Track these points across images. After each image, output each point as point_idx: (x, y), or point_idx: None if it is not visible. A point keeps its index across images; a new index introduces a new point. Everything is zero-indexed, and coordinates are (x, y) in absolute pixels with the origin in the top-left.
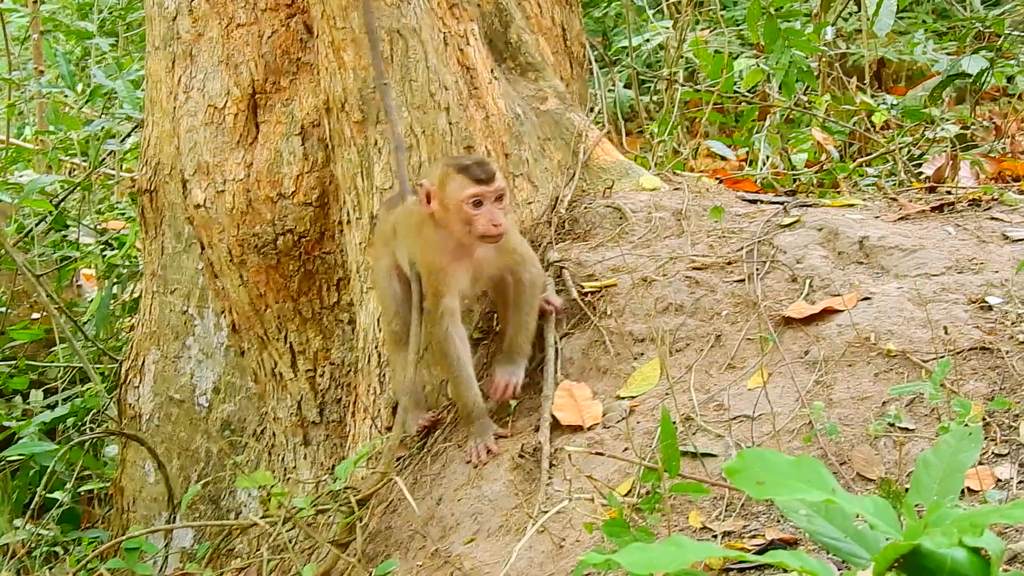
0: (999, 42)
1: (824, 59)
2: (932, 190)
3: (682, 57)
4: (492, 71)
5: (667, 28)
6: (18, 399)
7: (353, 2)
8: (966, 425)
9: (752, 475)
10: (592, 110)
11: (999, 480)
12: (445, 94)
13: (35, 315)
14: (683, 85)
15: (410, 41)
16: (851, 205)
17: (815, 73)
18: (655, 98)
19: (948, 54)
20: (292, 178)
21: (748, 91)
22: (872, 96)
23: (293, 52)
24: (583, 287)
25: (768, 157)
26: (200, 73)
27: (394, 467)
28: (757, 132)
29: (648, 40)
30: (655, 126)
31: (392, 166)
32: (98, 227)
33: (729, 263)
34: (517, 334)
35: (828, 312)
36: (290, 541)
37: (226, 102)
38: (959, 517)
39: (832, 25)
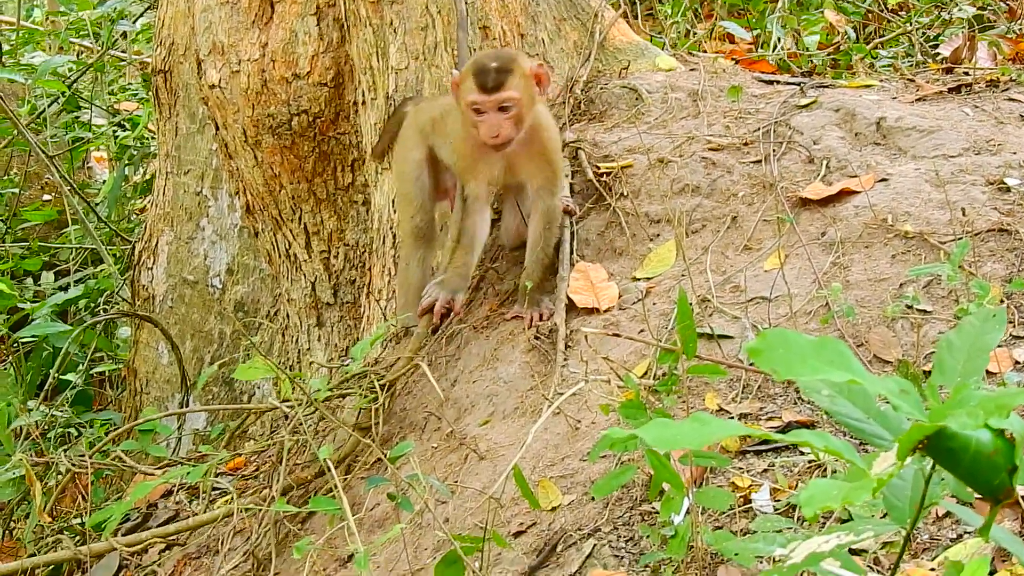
0: None
1: None
2: (949, 71)
3: None
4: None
5: None
6: (29, 281)
7: None
8: (986, 306)
9: (774, 356)
10: None
11: (1017, 362)
12: None
13: (46, 196)
14: None
15: None
16: (868, 86)
17: None
18: None
19: None
20: (307, 58)
21: None
22: None
23: None
24: (599, 167)
25: (780, 39)
26: None
27: (413, 350)
28: (769, 14)
29: None
30: (668, 7)
31: (418, 47)
32: (110, 108)
33: (745, 144)
34: (531, 272)
35: (845, 193)
36: (305, 423)
37: None
38: (984, 399)
39: None
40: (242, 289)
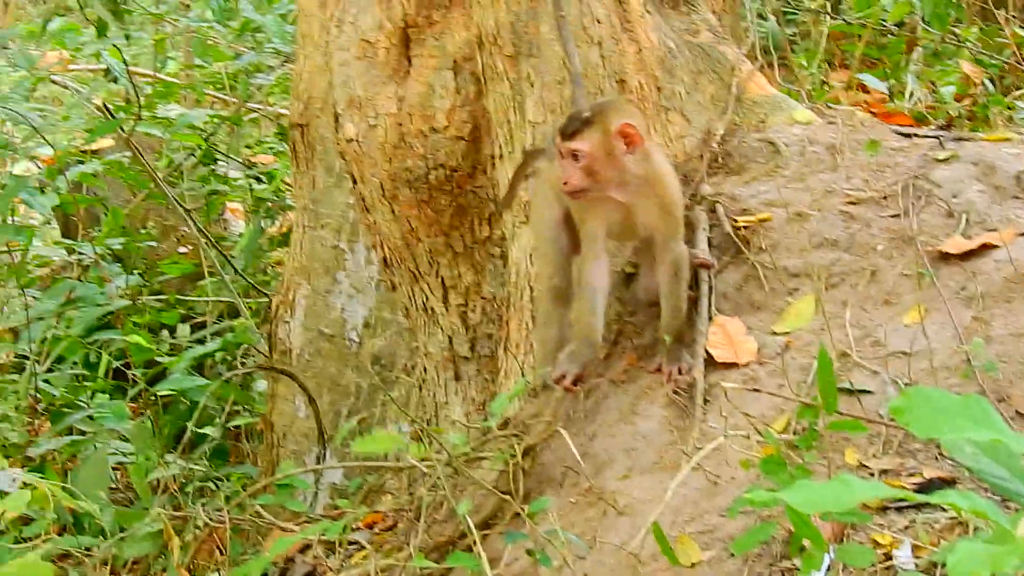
0: None
1: None
2: None
3: None
4: (645, 4)
5: None
6: (165, 333)
7: None
8: None
9: (917, 414)
10: (745, 43)
11: None
12: (598, 27)
13: (182, 249)
14: (833, 17)
15: None
16: (1007, 139)
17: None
18: (799, 29)
19: None
20: (444, 112)
21: (896, 24)
22: (1022, 27)
23: None
24: (737, 221)
25: (912, 92)
26: (353, 7)
27: (551, 407)
28: (904, 65)
29: None
30: (802, 59)
31: (555, 101)
32: (246, 161)
33: (884, 197)
34: (668, 324)
35: (986, 247)
36: (444, 480)
37: (378, 36)
38: None
39: None
40: (379, 343)
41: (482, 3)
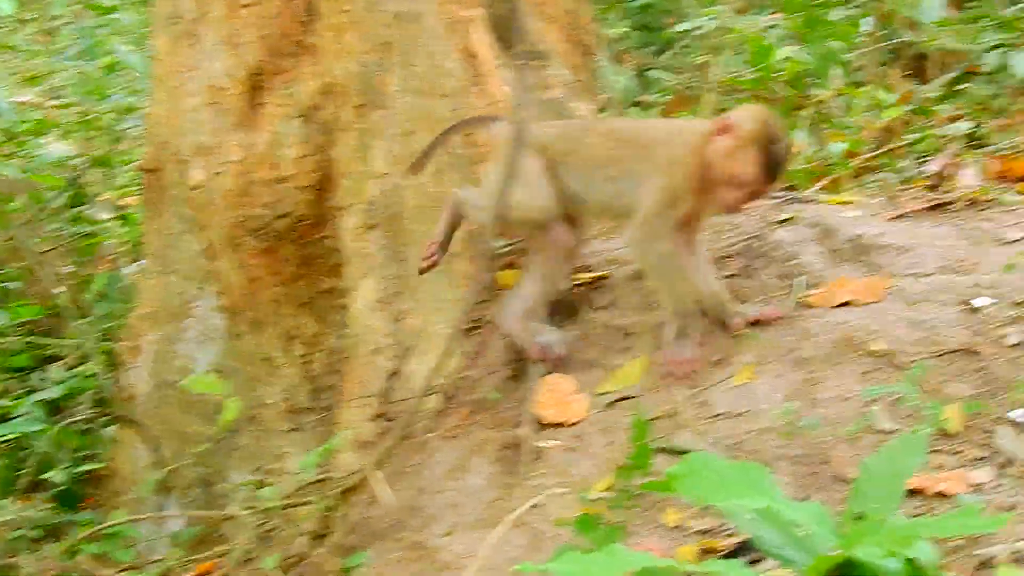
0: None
1: (873, 49)
2: (933, 188)
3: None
4: (496, 58)
5: (714, 15)
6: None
7: None
8: (922, 431)
9: (697, 480)
10: (598, 100)
11: (974, 484)
12: (448, 80)
13: (57, 290)
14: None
15: (412, 25)
16: (849, 202)
17: (854, 64)
18: (685, 81)
19: (996, 47)
20: (291, 161)
21: (789, 82)
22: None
23: (295, 34)
24: (575, 279)
25: (802, 149)
26: (203, 53)
27: (381, 460)
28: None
29: (700, 27)
30: (685, 114)
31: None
32: (113, 204)
33: (723, 258)
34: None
35: (817, 309)
36: (275, 529)
37: (227, 83)
38: (894, 528)
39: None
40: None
41: (331, 53)
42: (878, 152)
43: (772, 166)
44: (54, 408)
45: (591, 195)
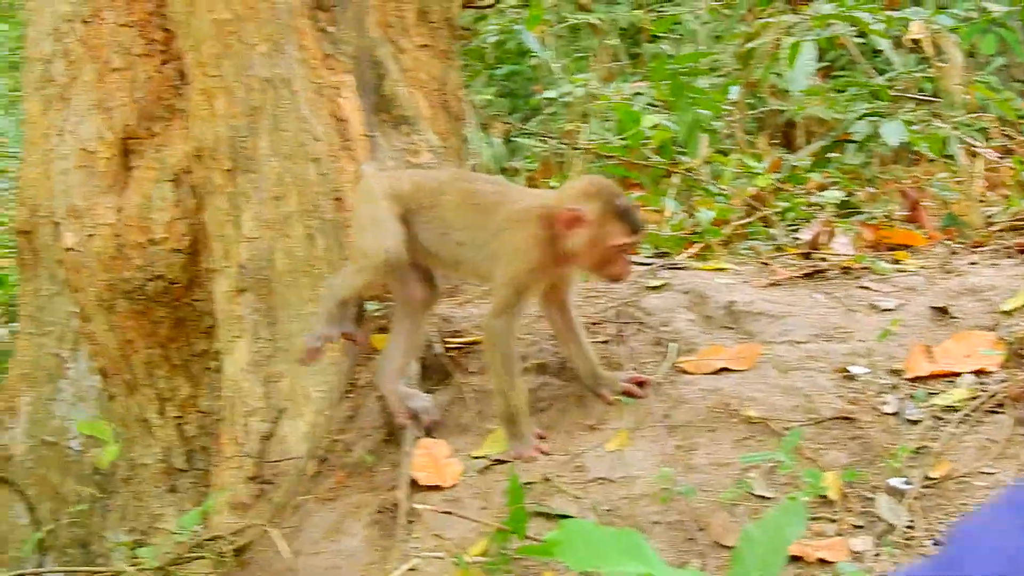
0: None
1: (741, 117)
2: (806, 256)
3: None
4: (365, 123)
5: (580, 83)
6: None
7: (225, 51)
8: (801, 498)
9: (574, 547)
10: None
11: (855, 552)
12: (316, 145)
13: None
14: (592, 140)
15: (282, 91)
16: (722, 269)
17: (722, 132)
18: (552, 148)
19: (865, 116)
20: (163, 224)
21: (656, 149)
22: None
23: (167, 98)
24: (448, 343)
25: (672, 216)
26: (74, 115)
27: (264, 519)
28: (663, 190)
29: (567, 94)
30: (554, 180)
31: (271, 217)
32: None
33: (595, 324)
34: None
35: (691, 376)
36: None
37: (98, 146)
38: None
39: (755, 80)
40: (99, 452)
41: (201, 117)
42: (749, 219)
43: (630, 219)
44: None
45: (441, 251)
